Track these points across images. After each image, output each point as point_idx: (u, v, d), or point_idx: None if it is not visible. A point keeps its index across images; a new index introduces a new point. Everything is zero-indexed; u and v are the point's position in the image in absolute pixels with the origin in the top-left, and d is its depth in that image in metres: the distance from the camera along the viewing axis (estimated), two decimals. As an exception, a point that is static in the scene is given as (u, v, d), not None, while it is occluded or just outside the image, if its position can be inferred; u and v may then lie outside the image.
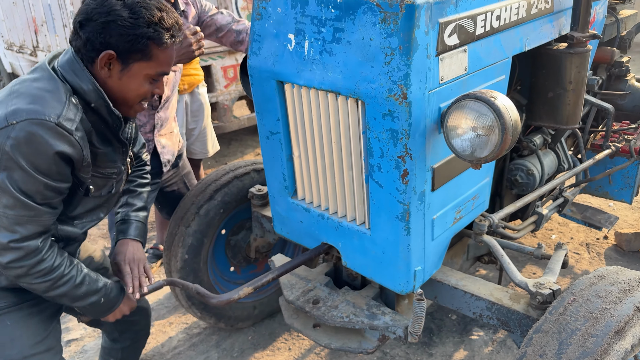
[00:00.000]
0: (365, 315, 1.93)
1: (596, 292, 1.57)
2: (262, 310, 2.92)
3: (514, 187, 2.36)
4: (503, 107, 1.43)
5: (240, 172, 2.65)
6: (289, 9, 1.69)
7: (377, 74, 1.51)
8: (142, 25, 1.47)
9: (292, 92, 1.81)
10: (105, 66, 1.50)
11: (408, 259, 1.75)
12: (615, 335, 1.46)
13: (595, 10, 2.45)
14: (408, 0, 1.40)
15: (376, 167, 1.65)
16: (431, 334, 2.78)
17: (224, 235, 2.77)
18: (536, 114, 2.29)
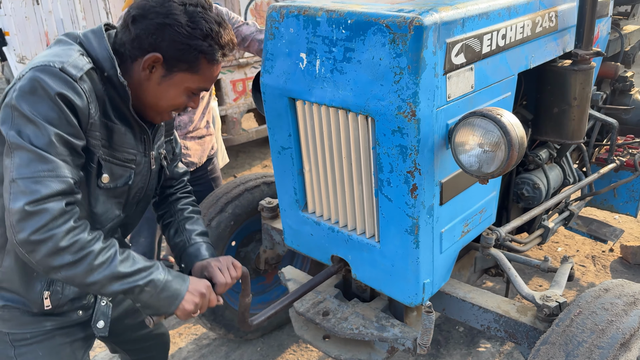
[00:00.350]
0: (374, 327, 1.96)
1: (602, 305, 1.60)
2: (271, 322, 2.93)
3: (521, 201, 2.40)
4: (509, 124, 1.47)
5: (251, 185, 2.71)
6: (301, 29, 1.75)
7: (386, 92, 1.56)
8: (199, 36, 1.40)
9: (304, 108, 1.86)
10: (148, 68, 1.43)
11: (417, 272, 1.78)
12: (621, 347, 1.49)
13: (598, 28, 2.51)
14: (416, 22, 1.46)
15: (386, 182, 1.69)
16: (438, 345, 2.80)
17: (234, 247, 2.82)
18: (542, 129, 2.33)
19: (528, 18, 1.91)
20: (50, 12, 5.38)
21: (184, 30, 1.38)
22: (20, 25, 6.53)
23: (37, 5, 5.64)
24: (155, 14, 1.38)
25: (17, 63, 7.11)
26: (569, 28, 2.18)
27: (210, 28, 1.41)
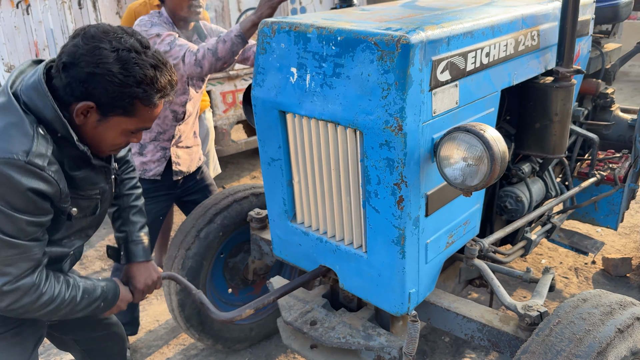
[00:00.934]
0: (361, 336, 2.00)
1: (580, 315, 1.66)
2: (258, 332, 2.97)
3: (504, 213, 2.46)
4: (492, 139, 1.53)
5: (240, 196, 2.74)
6: (292, 45, 1.80)
7: (374, 107, 1.61)
8: (132, 83, 1.36)
9: (294, 121, 1.91)
10: (82, 114, 1.40)
11: (403, 282, 1.83)
12: (598, 355, 1.54)
13: (579, 46, 2.59)
14: (404, 40, 1.52)
15: (373, 194, 1.74)
16: (424, 356, 2.84)
17: (223, 257, 2.84)
18: (524, 144, 2.40)
19: (511, 37, 1.98)
20: (40, 22, 5.39)
21: (116, 79, 1.34)
22: (9, 34, 6.52)
23: (27, 15, 5.64)
24: (85, 62, 1.33)
25: (4, 72, 7.10)
26: (550, 46, 2.26)
27: (144, 74, 1.37)
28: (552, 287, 2.04)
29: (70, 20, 4.64)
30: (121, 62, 1.34)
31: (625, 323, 1.63)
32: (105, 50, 1.33)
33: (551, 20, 2.23)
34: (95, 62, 1.33)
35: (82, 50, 1.34)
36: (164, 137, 2.74)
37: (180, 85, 2.66)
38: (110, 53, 1.34)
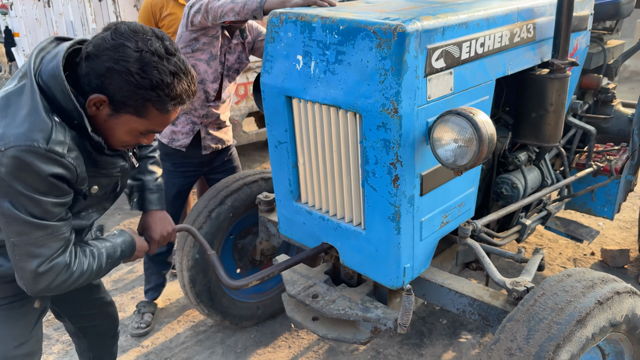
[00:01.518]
0: (359, 308, 2.12)
1: (563, 287, 1.77)
2: (265, 310, 3.11)
3: (500, 199, 2.56)
4: (481, 122, 1.64)
5: (250, 179, 2.88)
6: (298, 34, 1.93)
7: (372, 91, 1.74)
8: (147, 86, 1.37)
9: (299, 106, 2.03)
10: (94, 106, 1.41)
11: (398, 256, 1.95)
12: (578, 323, 1.65)
13: (577, 40, 2.68)
14: (400, 29, 1.64)
15: (371, 173, 1.86)
16: (422, 336, 2.96)
17: (232, 239, 2.98)
18: (521, 133, 2.50)
19: (506, 29, 2.08)
20: (61, 14, 5.57)
21: (132, 79, 1.35)
22: (30, 26, 6.73)
23: (49, 7, 5.84)
24: (107, 56, 1.35)
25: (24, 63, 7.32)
26: (546, 39, 2.35)
27: (160, 79, 1.37)
28: (541, 266, 2.14)
29: (90, 12, 4.81)
30: (141, 63, 1.35)
31: (605, 296, 1.73)
32: (129, 49, 1.35)
33: (547, 14, 2.32)
34: (116, 58, 1.35)
35: (108, 45, 1.36)
36: (195, 113, 2.89)
37: (215, 74, 2.82)
38: (133, 52, 1.35)
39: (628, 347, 1.96)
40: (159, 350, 2.96)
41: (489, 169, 2.56)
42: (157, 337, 3.06)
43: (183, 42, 2.72)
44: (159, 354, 2.92)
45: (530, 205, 2.74)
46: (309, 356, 2.86)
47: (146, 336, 3.06)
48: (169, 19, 3.26)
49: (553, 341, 1.61)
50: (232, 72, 2.92)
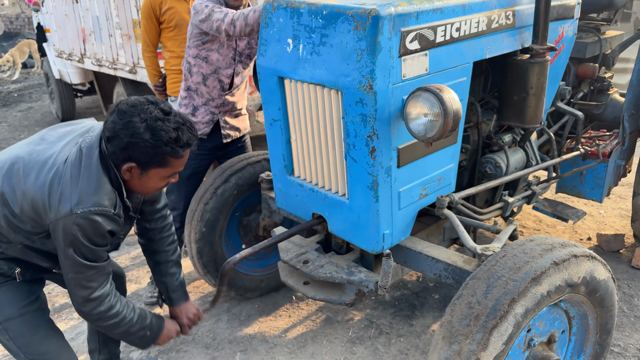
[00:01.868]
0: (345, 272, 2.30)
1: (523, 250, 1.90)
2: (268, 283, 3.32)
3: (484, 178, 2.70)
4: (447, 98, 1.80)
5: (253, 160, 3.08)
6: (288, 19, 2.12)
7: (351, 70, 1.92)
8: (161, 145, 1.70)
9: (290, 86, 2.23)
10: (128, 172, 1.77)
11: (377, 223, 2.12)
12: (533, 281, 1.78)
13: (563, 28, 2.79)
14: (374, 12, 1.82)
15: (352, 146, 2.04)
16: (414, 308, 3.13)
17: (237, 216, 3.19)
18: (505, 115, 2.64)
19: (484, 15, 2.22)
20: (87, 9, 5.86)
21: (149, 144, 1.69)
22: (60, 22, 7.06)
23: (76, 3, 6.14)
24: (123, 134, 1.69)
25: (55, 58, 7.67)
26: (527, 26, 2.46)
27: (169, 137, 1.71)
28: (513, 236, 2.29)
29: (114, 7, 5.07)
30: (150, 130, 1.68)
31: (562, 258, 1.86)
32: (136, 123, 1.68)
33: (527, 2, 2.43)
34: (130, 133, 1.68)
35: (119, 126, 1.70)
36: (213, 103, 3.12)
37: (227, 60, 3.03)
38: (140, 124, 1.68)
39: (591, 310, 2.09)
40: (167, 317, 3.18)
41: (475, 150, 2.70)
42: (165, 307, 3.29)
43: (194, 38, 2.94)
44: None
45: (517, 185, 2.87)
46: (307, 325, 3.05)
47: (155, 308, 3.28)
48: (169, 13, 3.47)
49: (508, 296, 1.75)
50: (244, 57, 3.11)
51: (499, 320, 1.74)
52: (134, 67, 5.00)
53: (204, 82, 3.05)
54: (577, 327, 2.16)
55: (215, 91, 3.09)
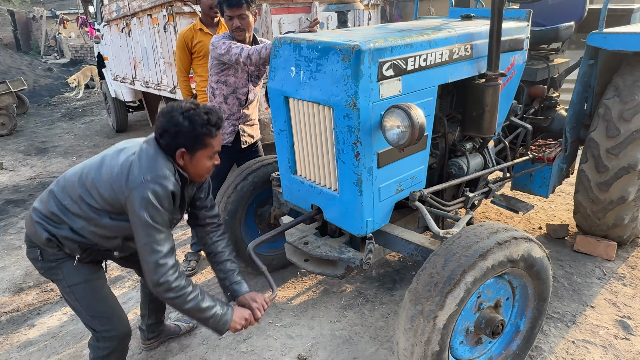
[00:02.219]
0: (337, 252, 2.41)
1: (474, 233, 2.00)
2: (278, 262, 3.41)
3: (450, 177, 2.79)
4: (414, 114, 1.90)
5: (266, 162, 3.19)
6: (292, 52, 2.24)
7: (339, 91, 2.03)
8: (198, 127, 1.83)
9: (293, 103, 2.34)
10: (181, 158, 1.88)
11: (361, 212, 2.22)
12: (480, 257, 1.88)
13: (514, 58, 2.87)
14: (357, 47, 1.93)
15: (341, 151, 2.15)
16: (395, 282, 3.23)
17: (254, 207, 3.30)
18: (466, 127, 2.72)
19: (446, 48, 2.33)
20: (137, 42, 6.01)
21: (189, 128, 1.83)
22: (115, 52, 7.23)
23: (129, 37, 6.29)
24: (170, 127, 1.83)
25: (112, 80, 7.85)
26: (483, 57, 2.55)
27: (202, 120, 1.83)
28: (470, 222, 2.39)
29: (158, 40, 5.21)
30: (188, 118, 1.82)
31: (504, 239, 1.96)
32: (176, 116, 1.83)
33: (483, 37, 2.54)
34: (174, 124, 1.83)
35: (165, 122, 1.85)
36: (233, 117, 3.24)
37: (242, 81, 3.16)
38: (179, 116, 1.83)
39: (529, 282, 2.19)
40: (204, 284, 3.33)
41: (443, 154, 2.79)
42: (199, 278, 3.44)
43: (214, 68, 3.08)
44: (204, 286, 3.28)
45: (477, 184, 2.96)
46: (308, 294, 3.17)
47: (191, 277, 3.43)
48: (199, 45, 3.57)
49: (461, 268, 1.85)
50: (254, 78, 3.23)
51: (452, 287, 1.84)
52: (174, 88, 5.14)
53: (225, 101, 3.19)
54: (519, 295, 2.25)
55: (235, 107, 3.22)
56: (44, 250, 1.98)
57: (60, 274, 2.00)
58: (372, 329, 2.78)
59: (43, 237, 1.93)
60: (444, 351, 1.91)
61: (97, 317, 2.05)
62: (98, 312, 2.06)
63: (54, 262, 1.99)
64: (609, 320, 2.78)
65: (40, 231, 1.94)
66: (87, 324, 2.09)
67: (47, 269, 2.01)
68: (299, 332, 2.80)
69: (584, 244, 3.50)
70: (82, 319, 2.08)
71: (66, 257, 2.00)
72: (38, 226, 1.95)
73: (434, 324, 1.84)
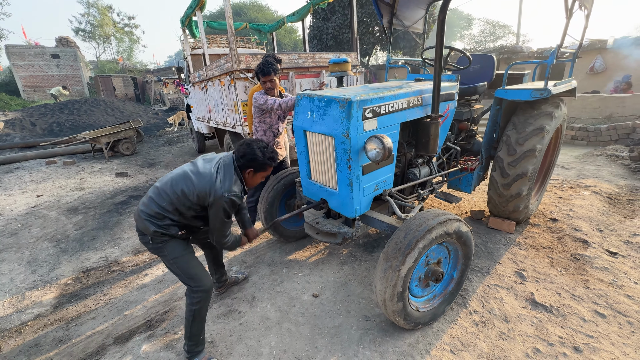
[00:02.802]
0: (337, 228, 2.40)
1: (423, 216, 2.00)
2: (299, 234, 3.37)
3: (409, 181, 2.77)
4: (385, 141, 1.93)
5: (292, 171, 3.15)
6: (308, 102, 2.26)
7: (338, 127, 2.05)
8: (266, 161, 1.90)
9: (309, 134, 2.35)
10: (248, 174, 1.91)
11: (352, 203, 2.23)
12: (427, 231, 1.89)
13: (449, 105, 2.85)
14: (349, 100, 1.95)
15: (339, 164, 2.16)
16: (374, 247, 3.18)
17: (284, 200, 3.27)
18: (418, 149, 2.68)
19: (405, 99, 2.34)
20: (211, 96, 6.04)
21: (260, 159, 1.89)
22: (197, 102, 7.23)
23: (206, 93, 6.32)
24: (248, 154, 1.88)
25: (195, 120, 7.87)
26: (429, 104, 2.56)
27: (269, 156, 1.92)
28: (421, 209, 2.37)
29: (225, 95, 5.21)
30: (260, 150, 1.88)
31: (442, 220, 1.97)
32: (255, 149, 1.88)
33: (429, 92, 2.55)
34: (251, 153, 1.87)
35: (246, 150, 1.89)
36: (270, 144, 3.22)
37: (274, 120, 3.12)
38: (257, 149, 1.88)
39: (459, 247, 2.17)
40: (252, 249, 3.29)
41: (404, 166, 2.78)
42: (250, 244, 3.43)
43: (257, 113, 3.06)
44: (251, 250, 3.26)
45: (426, 185, 2.94)
46: (319, 255, 3.12)
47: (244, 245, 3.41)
48: None
49: (415, 238, 1.87)
50: (282, 118, 3.20)
51: (410, 250, 1.85)
52: (234, 126, 5.15)
53: (265, 134, 3.16)
54: (452, 255, 2.24)
55: (270, 137, 3.18)
56: (153, 238, 1.91)
57: (165, 251, 1.93)
58: (360, 277, 2.76)
59: (151, 230, 1.88)
60: (405, 291, 1.91)
61: (191, 277, 1.97)
62: (192, 274, 1.98)
63: (160, 244, 1.92)
64: (510, 272, 2.74)
65: (149, 225, 1.88)
66: (185, 282, 2.00)
67: (155, 249, 1.94)
68: (312, 279, 2.79)
69: (494, 222, 3.45)
70: (181, 279, 1.99)
71: (168, 239, 1.93)
72: (147, 222, 1.88)
73: (398, 274, 1.85)
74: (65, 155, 8.58)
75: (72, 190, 5.69)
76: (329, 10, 12.19)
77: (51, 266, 3.29)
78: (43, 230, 4.11)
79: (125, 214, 4.62)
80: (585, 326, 2.19)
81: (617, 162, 5.34)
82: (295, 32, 21.83)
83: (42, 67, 20.22)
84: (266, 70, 2.84)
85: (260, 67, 2.85)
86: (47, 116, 11.87)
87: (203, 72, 6.06)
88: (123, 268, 3.20)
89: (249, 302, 2.59)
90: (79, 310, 2.66)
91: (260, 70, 2.87)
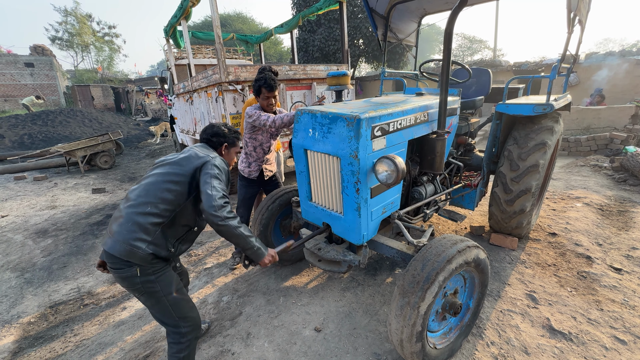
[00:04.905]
0: (341, 255, 2.19)
1: (440, 243, 1.82)
2: (295, 256, 3.16)
3: (414, 200, 2.62)
4: (398, 162, 1.74)
5: (287, 190, 2.94)
6: (309, 119, 2.05)
7: (345, 147, 1.85)
8: (232, 135, 1.92)
9: (310, 153, 2.14)
10: (224, 150, 1.90)
11: (359, 229, 2.02)
12: (447, 262, 1.71)
13: (452, 120, 2.75)
14: (357, 116, 1.76)
15: (345, 187, 1.96)
16: (376, 270, 2.99)
17: (279, 220, 3.05)
18: (424, 166, 2.54)
19: (412, 116, 2.18)
20: (197, 108, 5.78)
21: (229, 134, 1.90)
22: (182, 113, 6.96)
23: (191, 105, 6.05)
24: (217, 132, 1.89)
25: (179, 132, 7.55)
26: (434, 120, 2.43)
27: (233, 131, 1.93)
28: (432, 233, 2.20)
29: (211, 107, 4.97)
30: (227, 128, 1.91)
31: (462, 248, 1.79)
32: (220, 127, 1.90)
33: (435, 107, 2.42)
34: (219, 131, 1.89)
35: (213, 130, 1.90)
36: (259, 161, 2.97)
37: (265, 138, 2.90)
38: (221, 126, 1.90)
39: (476, 275, 2.00)
40: (244, 275, 3.03)
41: (409, 185, 2.62)
42: (242, 270, 3.14)
43: (247, 129, 2.83)
44: (243, 276, 3.00)
45: (431, 204, 2.78)
46: (318, 280, 2.90)
47: (235, 270, 3.14)
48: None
49: (435, 270, 1.67)
50: (273, 135, 2.99)
51: (430, 284, 1.65)
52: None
53: (254, 151, 2.94)
54: (468, 284, 2.07)
55: (261, 154, 2.96)
56: (143, 267, 1.62)
57: (157, 285, 1.67)
58: (364, 305, 2.54)
59: (141, 253, 1.60)
60: (424, 330, 1.70)
61: (183, 317, 1.75)
62: (185, 314, 1.76)
63: (152, 276, 1.66)
64: (522, 295, 2.59)
65: (138, 246, 1.59)
66: (172, 325, 1.74)
67: (144, 282, 1.64)
68: (313, 309, 2.54)
69: (496, 239, 3.33)
70: (169, 322, 1.73)
71: (161, 270, 1.68)
72: (133, 243, 1.58)
73: (417, 312, 1.63)
74: (36, 170, 7.94)
75: (42, 209, 5.17)
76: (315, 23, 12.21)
77: (12, 301, 2.87)
78: (5, 257, 3.64)
79: (102, 236, 4.21)
80: (609, 355, 2.04)
81: (601, 172, 5.42)
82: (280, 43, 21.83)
83: (15, 76, 19.17)
84: (274, 85, 2.65)
85: (265, 81, 2.64)
86: (18, 127, 11.09)
87: (188, 83, 5.80)
88: (97, 301, 2.83)
89: (243, 340, 2.30)
90: (42, 356, 2.28)
91: (266, 85, 2.66)
